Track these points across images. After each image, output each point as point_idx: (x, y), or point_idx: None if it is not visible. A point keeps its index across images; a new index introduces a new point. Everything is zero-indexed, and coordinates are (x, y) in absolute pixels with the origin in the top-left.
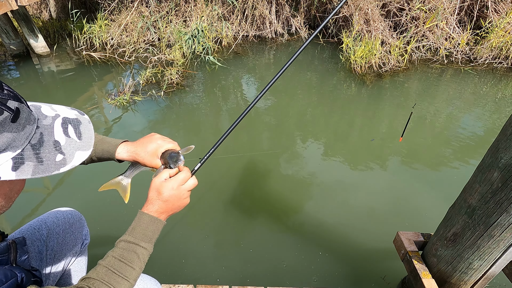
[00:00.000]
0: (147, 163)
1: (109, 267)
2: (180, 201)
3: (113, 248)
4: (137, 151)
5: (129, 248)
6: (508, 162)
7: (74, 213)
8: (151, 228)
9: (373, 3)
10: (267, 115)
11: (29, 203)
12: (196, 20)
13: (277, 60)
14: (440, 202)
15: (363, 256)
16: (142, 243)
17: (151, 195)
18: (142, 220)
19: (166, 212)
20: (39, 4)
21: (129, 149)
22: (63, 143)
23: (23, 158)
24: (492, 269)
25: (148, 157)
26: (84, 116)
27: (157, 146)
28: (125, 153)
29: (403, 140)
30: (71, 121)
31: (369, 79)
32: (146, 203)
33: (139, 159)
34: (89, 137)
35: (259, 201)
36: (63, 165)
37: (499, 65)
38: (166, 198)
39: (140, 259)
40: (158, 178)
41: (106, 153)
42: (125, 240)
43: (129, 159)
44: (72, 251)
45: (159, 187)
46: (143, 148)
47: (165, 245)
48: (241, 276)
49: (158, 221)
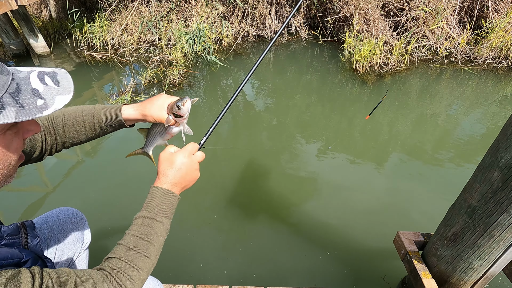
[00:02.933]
0: (154, 116)
1: (128, 245)
2: (192, 171)
3: (130, 225)
4: (144, 106)
5: (145, 223)
6: (508, 162)
7: (76, 212)
8: (165, 201)
9: (373, 3)
10: (267, 115)
11: (30, 202)
12: (197, 20)
13: (277, 60)
14: (440, 202)
15: (363, 256)
16: (157, 217)
17: (162, 167)
18: (155, 194)
19: (180, 184)
20: (39, 4)
21: (135, 107)
22: (42, 90)
23: (3, 104)
24: (492, 269)
25: (156, 110)
26: (60, 69)
27: (163, 100)
28: (133, 110)
29: (370, 118)
30: (47, 73)
31: (370, 79)
32: (158, 176)
33: (147, 112)
34: (67, 83)
35: (259, 201)
36: (45, 108)
37: (499, 65)
38: (179, 166)
39: (157, 234)
40: (165, 152)
41: (113, 117)
42: (140, 216)
43: (137, 117)
44: (73, 250)
45: (169, 157)
46: (150, 103)
47: (165, 245)
48: (241, 276)
49: (172, 194)
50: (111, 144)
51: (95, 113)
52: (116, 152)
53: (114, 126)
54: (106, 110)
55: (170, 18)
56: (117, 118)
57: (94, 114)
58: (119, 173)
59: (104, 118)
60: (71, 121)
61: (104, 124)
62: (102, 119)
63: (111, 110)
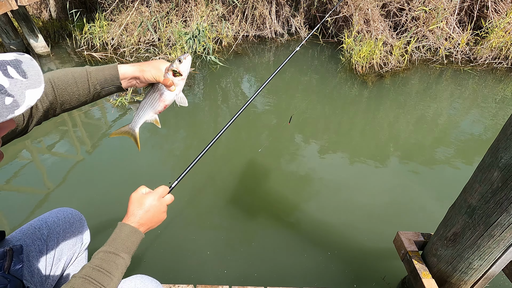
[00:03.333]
0: (152, 73)
1: (86, 277)
2: (159, 213)
3: (91, 259)
4: (141, 64)
5: (108, 258)
6: (508, 162)
7: (75, 213)
8: (131, 239)
9: (373, 3)
10: (267, 115)
11: (29, 203)
12: (197, 20)
13: (277, 60)
14: (440, 202)
15: (363, 256)
16: (122, 254)
17: (132, 207)
18: (123, 231)
19: (146, 224)
20: (39, 4)
21: (132, 64)
22: (8, 85)
23: None
24: (492, 269)
25: (152, 69)
26: (24, 55)
27: (161, 62)
28: (129, 67)
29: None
30: (9, 62)
31: (370, 79)
32: (127, 215)
33: (144, 68)
34: (35, 73)
35: (259, 201)
36: (16, 107)
37: (499, 65)
38: (148, 208)
39: (118, 270)
40: (136, 193)
41: (109, 77)
42: (104, 251)
43: (134, 73)
44: (72, 250)
45: (140, 199)
46: (147, 62)
47: (165, 245)
48: (241, 276)
49: (138, 232)
50: (111, 144)
51: (89, 75)
52: (115, 152)
53: (109, 88)
54: (101, 70)
55: (170, 18)
56: (113, 78)
57: (88, 76)
58: (119, 173)
59: (99, 79)
60: (61, 85)
61: (99, 86)
62: (98, 81)
63: (106, 71)
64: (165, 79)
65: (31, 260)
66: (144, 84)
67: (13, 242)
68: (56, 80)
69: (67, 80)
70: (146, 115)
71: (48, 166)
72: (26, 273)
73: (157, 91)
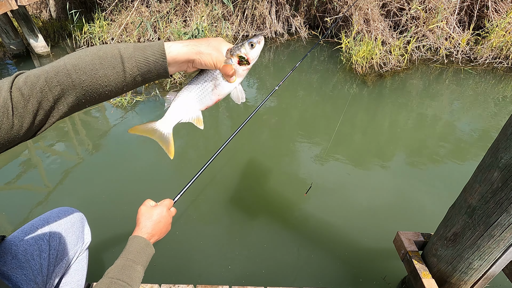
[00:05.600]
0: (214, 59)
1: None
2: (168, 224)
3: (105, 274)
4: (198, 42)
5: (126, 264)
6: (508, 162)
7: (75, 212)
8: (146, 252)
9: (373, 2)
10: (267, 115)
11: (30, 202)
12: (196, 20)
13: (277, 60)
14: (440, 202)
15: (363, 256)
16: (137, 267)
17: (142, 219)
18: (136, 244)
19: (157, 235)
20: (39, 4)
21: (184, 43)
22: None
23: None
24: (492, 269)
25: (214, 52)
26: None
27: (220, 42)
28: (182, 46)
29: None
30: None
31: (370, 79)
32: (138, 227)
33: (203, 51)
34: None
35: (259, 201)
36: None
37: (499, 65)
38: (158, 219)
39: (137, 280)
40: (145, 205)
41: (153, 60)
42: (122, 257)
43: (189, 55)
44: (74, 250)
45: (149, 211)
46: (205, 41)
47: (165, 245)
48: (241, 276)
49: (150, 246)
50: (111, 144)
51: (124, 55)
52: (116, 151)
53: (150, 75)
54: (141, 50)
55: (170, 18)
56: (158, 61)
57: (123, 56)
58: (119, 173)
59: (140, 64)
60: (83, 68)
61: (138, 71)
62: (137, 66)
63: (148, 50)
64: (226, 65)
65: (34, 260)
66: (195, 69)
67: (15, 242)
68: (75, 64)
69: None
70: (188, 110)
71: (48, 165)
72: (29, 272)
73: (211, 81)
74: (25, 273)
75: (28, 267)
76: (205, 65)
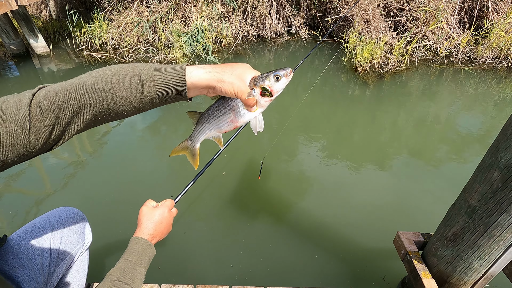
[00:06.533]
0: (234, 86)
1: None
2: (169, 225)
3: (107, 275)
4: (221, 69)
5: (128, 266)
6: (508, 162)
7: (77, 212)
8: (147, 253)
9: (373, 3)
10: (267, 115)
11: (31, 202)
12: (196, 20)
13: (277, 60)
14: (440, 202)
15: (363, 256)
16: (139, 268)
17: (144, 220)
18: (138, 245)
19: (158, 236)
20: (39, 4)
21: (207, 68)
22: None
23: None
24: (492, 269)
25: (236, 81)
26: None
27: (245, 69)
28: (204, 72)
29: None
30: None
31: (370, 79)
32: (139, 228)
33: (225, 78)
34: None
35: (259, 201)
36: None
37: (500, 65)
38: (160, 220)
39: (138, 282)
40: (146, 206)
41: (172, 84)
42: (124, 259)
43: (210, 82)
44: (75, 250)
45: (151, 211)
46: (230, 68)
47: (165, 245)
48: (241, 276)
49: (152, 247)
50: (112, 143)
51: (144, 77)
52: (116, 152)
53: (169, 97)
54: (162, 72)
55: (169, 18)
56: (178, 85)
57: (142, 78)
58: (120, 173)
59: (159, 87)
60: (101, 88)
61: (158, 97)
62: (156, 89)
63: (169, 73)
64: (248, 97)
65: (35, 259)
66: (215, 95)
67: (17, 241)
68: (94, 82)
69: (112, 82)
70: (209, 132)
71: (49, 166)
72: (30, 272)
73: (232, 110)
74: (27, 273)
75: (30, 267)
76: (226, 94)
